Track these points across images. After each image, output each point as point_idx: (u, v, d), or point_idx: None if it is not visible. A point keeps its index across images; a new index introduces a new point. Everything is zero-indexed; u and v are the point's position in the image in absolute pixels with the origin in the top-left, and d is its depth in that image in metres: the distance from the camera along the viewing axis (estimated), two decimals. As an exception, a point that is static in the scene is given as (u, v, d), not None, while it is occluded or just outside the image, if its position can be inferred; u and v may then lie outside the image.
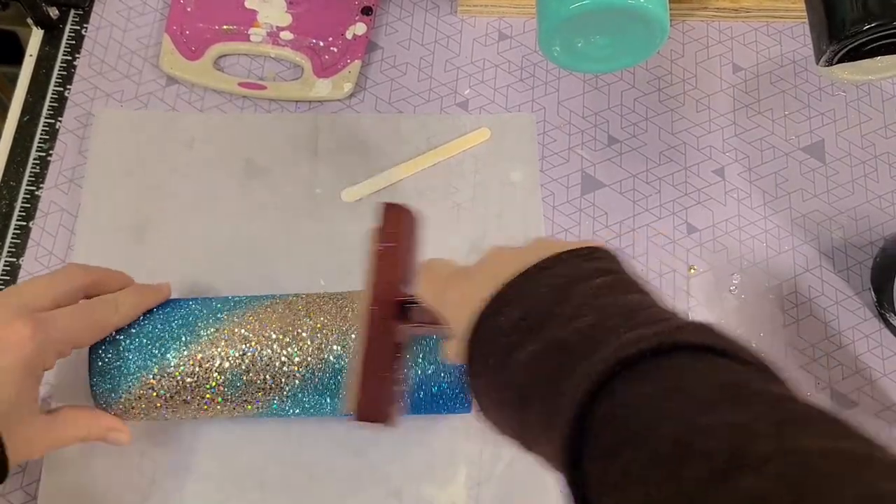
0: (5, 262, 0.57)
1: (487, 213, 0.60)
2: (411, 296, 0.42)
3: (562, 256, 0.36)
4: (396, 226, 0.45)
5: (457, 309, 0.38)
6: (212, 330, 0.47)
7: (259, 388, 0.47)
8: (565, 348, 0.31)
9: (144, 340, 0.47)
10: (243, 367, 0.47)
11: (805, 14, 0.47)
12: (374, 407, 0.40)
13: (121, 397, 0.47)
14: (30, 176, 0.60)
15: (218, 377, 0.47)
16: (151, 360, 0.47)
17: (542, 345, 0.32)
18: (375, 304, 0.42)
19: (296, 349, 0.47)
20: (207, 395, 0.47)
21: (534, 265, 0.35)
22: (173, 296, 0.51)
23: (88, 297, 0.48)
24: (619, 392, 0.29)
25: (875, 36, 0.43)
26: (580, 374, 0.29)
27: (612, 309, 0.32)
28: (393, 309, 0.42)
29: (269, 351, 0.47)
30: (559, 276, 0.35)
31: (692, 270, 0.59)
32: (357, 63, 0.63)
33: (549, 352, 0.32)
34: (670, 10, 0.47)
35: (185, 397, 0.47)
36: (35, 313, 0.44)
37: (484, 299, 0.35)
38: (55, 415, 0.46)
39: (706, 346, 0.29)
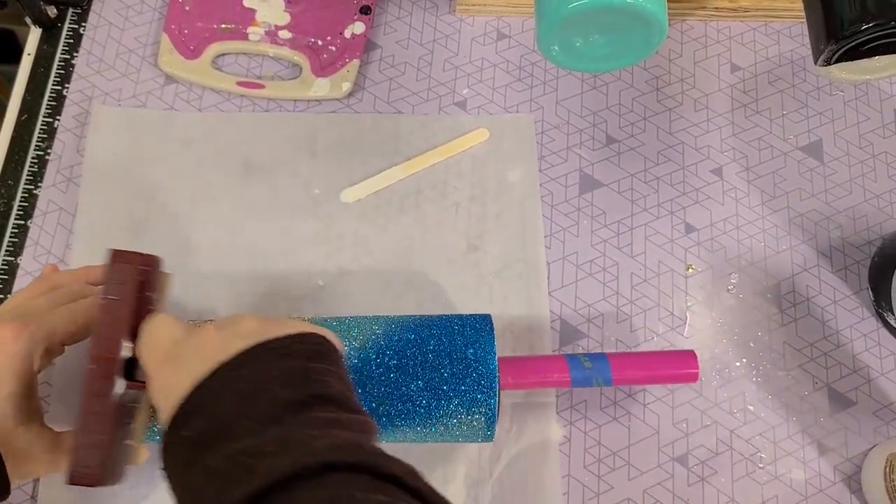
0: (3, 261, 0.57)
1: (486, 213, 0.60)
2: (135, 354, 0.41)
3: (253, 352, 0.37)
4: (124, 276, 0.42)
5: (159, 397, 0.38)
6: None
7: None
8: (217, 476, 0.33)
9: None
10: None
11: (803, 14, 0.47)
12: (87, 470, 0.39)
13: None
14: (28, 175, 0.60)
15: None
16: None
17: (203, 469, 0.34)
18: (94, 363, 0.40)
19: None
20: None
21: (222, 364, 0.36)
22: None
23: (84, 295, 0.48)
24: None
25: (873, 35, 0.43)
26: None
27: (268, 432, 0.34)
28: (114, 366, 0.40)
29: None
30: (244, 381, 0.36)
31: (690, 270, 0.59)
32: (356, 62, 0.63)
33: (207, 477, 0.33)
34: (669, 9, 0.47)
35: None
36: (20, 317, 0.44)
37: (176, 401, 0.36)
38: (62, 433, 0.45)
39: (338, 463, 0.32)
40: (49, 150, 0.61)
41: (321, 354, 0.39)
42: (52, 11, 0.64)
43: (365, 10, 0.65)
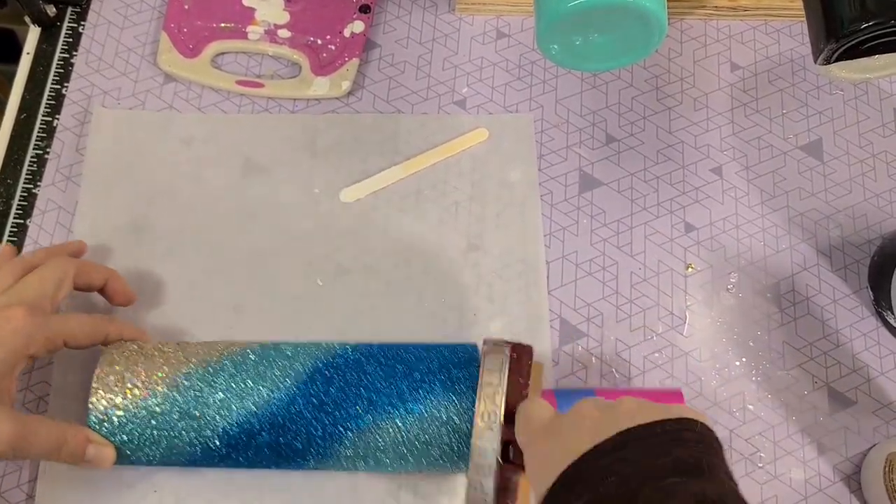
0: (2, 260, 0.57)
1: (486, 213, 0.60)
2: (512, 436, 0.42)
3: (638, 432, 0.35)
4: (497, 364, 0.44)
5: (536, 470, 0.38)
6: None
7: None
8: None
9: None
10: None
11: (803, 13, 0.47)
12: None
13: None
14: (27, 174, 0.60)
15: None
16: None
17: None
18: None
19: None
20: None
21: (606, 441, 0.35)
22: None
23: (76, 287, 0.50)
24: None
25: (873, 34, 0.43)
26: None
27: None
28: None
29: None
30: (630, 464, 0.34)
31: (690, 269, 0.59)
32: (355, 61, 0.63)
33: None
34: (668, 8, 0.47)
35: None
36: (27, 301, 0.45)
37: (557, 473, 0.35)
38: (28, 415, 0.45)
39: None
40: (48, 149, 0.61)
41: (709, 446, 0.35)
42: (51, 10, 0.64)
43: (364, 9, 0.65)
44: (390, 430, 0.47)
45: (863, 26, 0.42)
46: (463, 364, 0.48)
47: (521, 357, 0.45)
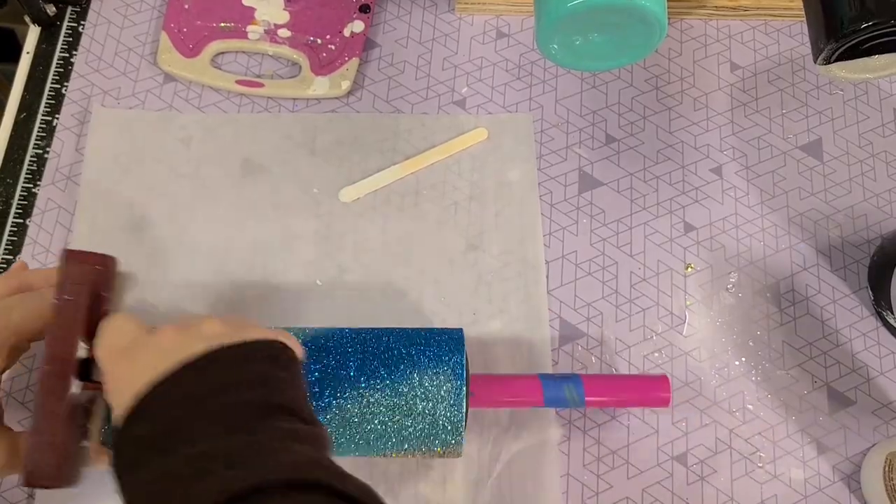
0: (2, 259, 0.57)
1: (485, 213, 0.60)
2: (91, 354, 0.41)
3: (214, 354, 0.36)
4: (80, 277, 0.42)
5: (113, 394, 0.38)
6: None
7: None
8: (169, 481, 0.33)
9: None
10: None
11: (803, 13, 0.47)
12: (44, 471, 0.39)
13: None
14: (27, 173, 0.60)
15: None
16: None
17: (155, 471, 0.33)
18: (49, 363, 0.40)
19: None
20: None
21: (182, 365, 0.36)
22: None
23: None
24: None
25: (873, 34, 0.43)
26: None
27: (225, 439, 0.34)
28: (71, 367, 0.40)
29: None
30: (200, 384, 0.36)
31: (689, 269, 0.59)
32: (355, 61, 0.63)
33: (159, 481, 0.33)
34: (668, 8, 0.47)
35: None
36: None
37: (131, 399, 0.35)
38: (20, 433, 0.44)
39: (297, 482, 0.32)
40: (48, 149, 0.61)
41: (281, 361, 0.39)
42: (51, 10, 0.64)
43: (364, 9, 0.65)
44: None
45: (863, 26, 0.42)
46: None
47: (98, 269, 0.43)
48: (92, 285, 0.42)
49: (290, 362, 0.39)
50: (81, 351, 0.41)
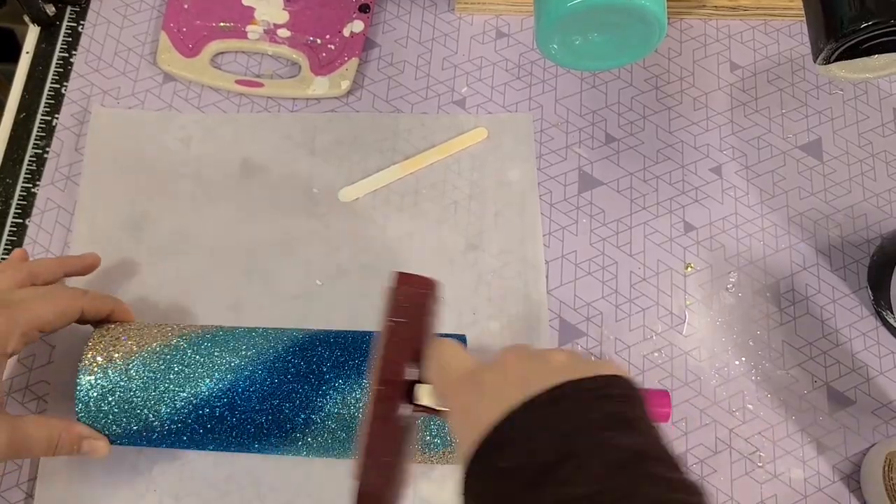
0: (2, 259, 0.57)
1: (485, 212, 0.60)
2: (420, 378, 0.41)
3: (568, 388, 0.34)
4: (410, 299, 0.42)
5: (460, 422, 0.37)
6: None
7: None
8: None
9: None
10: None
11: (803, 12, 0.47)
12: (375, 490, 0.39)
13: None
14: (26, 173, 0.60)
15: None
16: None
17: None
18: (381, 385, 0.40)
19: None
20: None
21: (537, 396, 0.34)
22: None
23: (80, 320, 0.49)
24: None
25: (873, 34, 0.43)
26: None
27: (611, 482, 0.31)
28: (399, 389, 0.40)
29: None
30: (563, 419, 0.33)
31: (689, 268, 0.59)
32: (354, 61, 0.63)
33: None
34: (668, 7, 0.47)
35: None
36: (1, 301, 0.44)
37: (485, 429, 0.34)
38: (21, 416, 0.44)
39: None
40: (47, 149, 0.61)
41: (637, 401, 0.35)
42: (50, 10, 0.64)
43: (364, 9, 0.65)
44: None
45: (862, 26, 0.42)
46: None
47: (425, 293, 0.42)
48: (419, 308, 0.42)
49: (643, 402, 0.36)
50: (408, 374, 0.41)
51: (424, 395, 0.40)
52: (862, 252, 0.60)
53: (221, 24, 0.64)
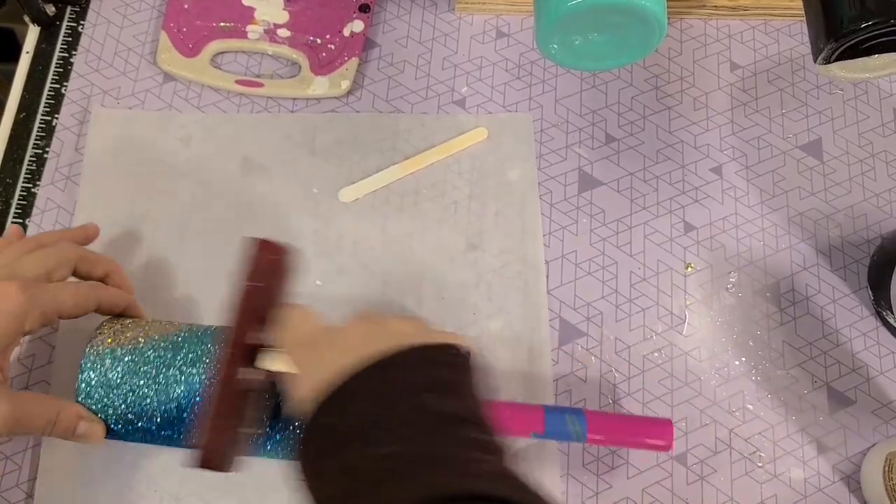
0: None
1: (485, 212, 0.60)
2: (269, 343, 0.41)
3: (403, 353, 0.36)
4: (266, 264, 0.42)
5: (300, 383, 0.38)
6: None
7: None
8: (357, 477, 0.33)
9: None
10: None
11: (803, 12, 0.47)
12: (214, 454, 0.39)
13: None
14: (26, 173, 0.60)
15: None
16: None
17: (343, 464, 0.34)
18: (232, 348, 0.40)
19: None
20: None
21: (372, 361, 0.36)
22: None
23: (76, 274, 0.49)
24: None
25: (873, 34, 0.43)
26: None
27: (417, 442, 0.33)
28: (248, 353, 0.40)
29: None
30: (390, 382, 0.36)
31: (689, 268, 0.59)
32: (354, 61, 0.63)
33: (345, 475, 0.33)
34: (668, 7, 0.47)
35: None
36: (22, 277, 0.45)
37: (319, 391, 0.36)
38: (21, 392, 0.45)
39: (491, 496, 0.31)
40: (47, 149, 0.61)
41: (463, 366, 0.38)
42: (50, 10, 0.64)
43: (364, 9, 0.65)
44: None
45: (862, 25, 0.42)
46: None
47: (273, 257, 0.43)
48: (274, 275, 0.42)
49: (470, 368, 0.39)
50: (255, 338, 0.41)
51: (268, 360, 0.41)
52: (862, 252, 0.60)
53: (221, 23, 0.64)
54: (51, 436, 0.45)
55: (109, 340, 0.47)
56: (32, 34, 0.65)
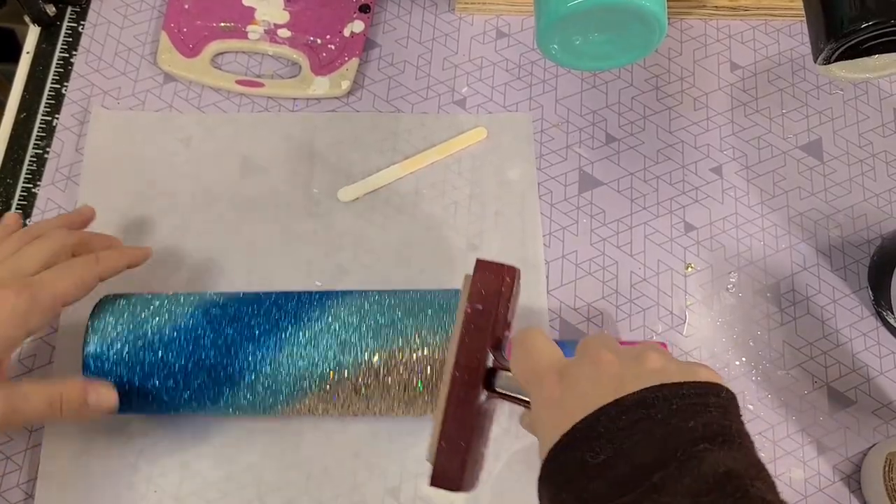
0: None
1: (485, 212, 0.60)
2: (501, 365, 0.40)
3: (664, 392, 0.33)
4: (490, 286, 0.41)
5: (546, 413, 0.36)
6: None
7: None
8: None
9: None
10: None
11: (803, 12, 0.47)
12: (449, 473, 0.39)
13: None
14: (27, 173, 0.60)
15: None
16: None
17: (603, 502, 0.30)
18: (460, 371, 0.40)
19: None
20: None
21: (632, 395, 0.33)
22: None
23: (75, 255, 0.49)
24: None
25: (873, 34, 0.43)
26: None
27: (706, 497, 0.29)
28: (478, 375, 0.40)
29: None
30: (658, 424, 0.32)
31: (689, 268, 0.59)
32: (355, 61, 0.63)
33: None
34: (668, 8, 0.47)
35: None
36: (22, 278, 0.44)
37: (574, 422, 0.33)
38: (19, 381, 0.44)
39: None
40: (48, 149, 0.61)
41: (731, 412, 0.34)
42: (51, 10, 0.64)
43: (364, 9, 0.65)
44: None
45: (863, 26, 0.42)
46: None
47: (504, 280, 0.42)
48: (500, 296, 0.41)
49: (739, 413, 0.34)
50: (488, 361, 0.41)
51: (504, 383, 0.40)
52: (862, 252, 0.60)
53: (222, 24, 0.64)
54: (61, 419, 0.44)
55: (120, 300, 0.48)
56: (33, 34, 0.65)
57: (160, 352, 0.47)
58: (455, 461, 0.39)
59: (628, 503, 0.30)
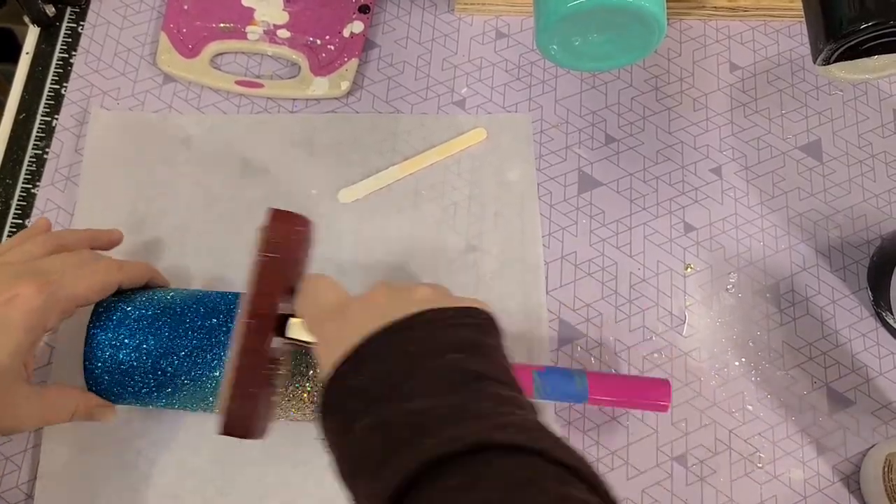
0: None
1: (485, 213, 0.60)
2: (292, 312, 0.41)
3: (426, 315, 0.37)
4: (283, 235, 0.43)
5: (326, 349, 0.39)
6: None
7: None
8: (390, 432, 0.33)
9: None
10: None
11: (802, 13, 0.47)
12: (240, 422, 0.40)
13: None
14: (26, 174, 0.60)
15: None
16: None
17: (373, 421, 0.34)
18: (251, 318, 0.41)
19: None
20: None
21: (395, 322, 0.36)
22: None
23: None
24: (427, 487, 0.31)
25: (872, 35, 0.43)
26: (394, 466, 0.31)
27: (444, 398, 0.34)
28: (270, 322, 0.41)
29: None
30: (415, 342, 0.36)
31: (689, 269, 0.59)
32: (354, 61, 0.63)
33: (377, 431, 0.33)
34: (668, 8, 0.47)
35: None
36: (42, 275, 0.44)
37: (344, 352, 0.36)
38: (45, 388, 0.46)
39: (519, 445, 0.31)
40: (47, 149, 0.61)
41: (489, 330, 0.39)
42: (50, 10, 0.64)
43: (364, 9, 0.65)
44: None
45: (862, 26, 0.42)
46: None
47: (298, 230, 0.43)
48: (293, 245, 0.43)
49: (497, 332, 0.39)
50: (279, 308, 0.42)
51: (294, 329, 0.41)
52: (862, 253, 0.60)
53: (221, 24, 0.64)
54: (69, 421, 0.46)
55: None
56: (32, 35, 0.65)
57: (160, 351, 0.47)
58: (245, 410, 0.40)
59: (380, 415, 0.34)
